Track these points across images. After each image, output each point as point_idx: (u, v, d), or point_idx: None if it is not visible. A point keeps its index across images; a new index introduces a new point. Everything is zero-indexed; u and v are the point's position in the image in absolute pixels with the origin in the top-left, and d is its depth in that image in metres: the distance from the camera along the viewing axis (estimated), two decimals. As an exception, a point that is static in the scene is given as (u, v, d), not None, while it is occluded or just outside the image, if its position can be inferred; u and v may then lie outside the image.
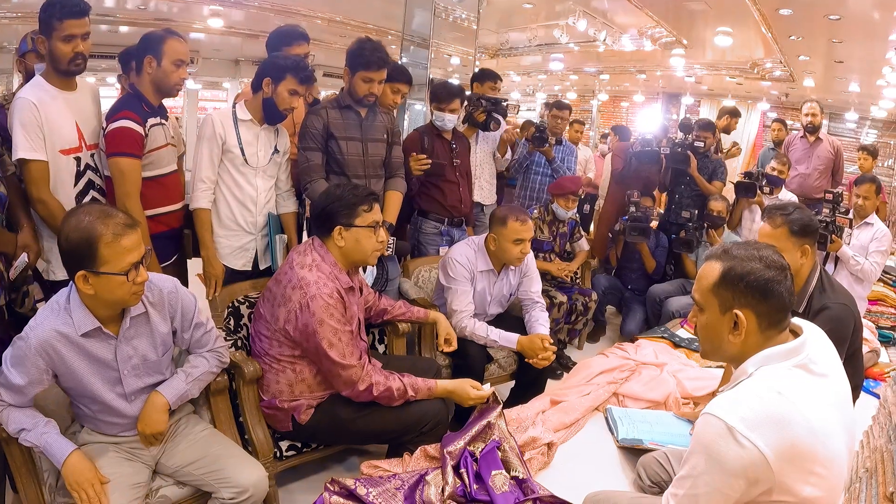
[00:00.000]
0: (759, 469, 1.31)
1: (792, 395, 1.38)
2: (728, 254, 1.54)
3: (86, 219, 1.78)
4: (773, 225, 2.45)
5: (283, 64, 2.85)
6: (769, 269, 1.48)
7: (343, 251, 2.46)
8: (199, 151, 2.85)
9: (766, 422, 1.33)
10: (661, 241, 4.93)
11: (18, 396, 1.88)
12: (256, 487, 2.07)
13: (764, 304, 1.48)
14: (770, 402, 1.36)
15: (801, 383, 1.42)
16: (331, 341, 2.33)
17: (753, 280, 1.47)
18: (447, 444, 2.21)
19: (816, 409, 1.39)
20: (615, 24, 8.48)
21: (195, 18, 8.88)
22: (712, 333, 1.57)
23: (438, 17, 5.94)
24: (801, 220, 2.42)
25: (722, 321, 1.53)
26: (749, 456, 1.31)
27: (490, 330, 3.16)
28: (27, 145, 2.39)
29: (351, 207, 2.42)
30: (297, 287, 2.34)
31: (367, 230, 2.45)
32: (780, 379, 1.41)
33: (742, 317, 1.48)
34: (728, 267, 1.51)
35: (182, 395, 2.12)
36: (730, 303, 1.51)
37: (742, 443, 1.31)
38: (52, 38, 2.42)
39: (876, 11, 5.75)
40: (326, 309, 2.32)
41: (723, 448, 1.33)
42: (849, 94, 10.20)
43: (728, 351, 1.55)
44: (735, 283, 1.50)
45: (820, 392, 1.44)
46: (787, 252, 2.31)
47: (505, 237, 3.16)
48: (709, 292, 1.55)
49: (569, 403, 2.74)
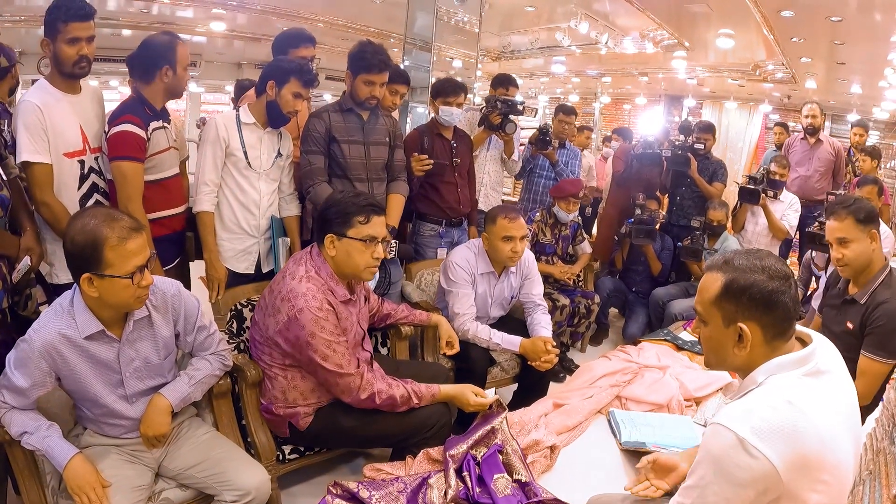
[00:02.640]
0: (769, 480, 1.30)
1: (803, 405, 1.35)
2: (729, 265, 1.49)
3: (91, 222, 1.79)
4: (839, 219, 2.55)
5: (287, 67, 2.86)
6: (772, 279, 1.43)
7: (335, 261, 2.40)
8: (203, 154, 2.85)
9: (777, 433, 1.31)
10: (667, 244, 4.93)
11: (21, 399, 1.89)
12: (259, 490, 2.07)
13: (768, 316, 1.44)
14: (781, 412, 1.34)
15: (812, 392, 1.39)
16: (324, 353, 2.29)
17: (757, 292, 1.43)
18: (450, 448, 2.21)
19: (826, 418, 1.36)
20: (617, 27, 8.48)
21: (198, 22, 8.91)
22: (716, 346, 1.54)
23: (440, 20, 5.94)
24: (864, 208, 2.55)
25: (726, 334, 1.49)
26: (760, 467, 1.29)
27: (492, 333, 3.16)
28: (31, 148, 2.39)
29: (345, 216, 2.34)
30: (285, 299, 2.31)
31: (360, 244, 2.35)
32: (790, 388, 1.39)
33: (746, 330, 1.45)
34: (730, 279, 1.47)
35: (185, 398, 2.12)
36: (733, 316, 1.47)
37: (753, 454, 1.29)
38: (57, 40, 2.43)
39: (878, 13, 5.75)
40: (316, 322, 2.28)
41: (733, 459, 1.31)
42: (851, 96, 10.18)
43: (733, 363, 1.52)
44: (738, 296, 1.46)
45: (829, 400, 1.41)
46: (857, 241, 2.49)
47: (495, 234, 3.17)
48: (711, 305, 1.51)
49: (571, 406, 2.73)
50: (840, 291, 2.71)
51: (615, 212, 5.31)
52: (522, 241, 3.19)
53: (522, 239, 3.19)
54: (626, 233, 4.77)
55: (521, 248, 3.19)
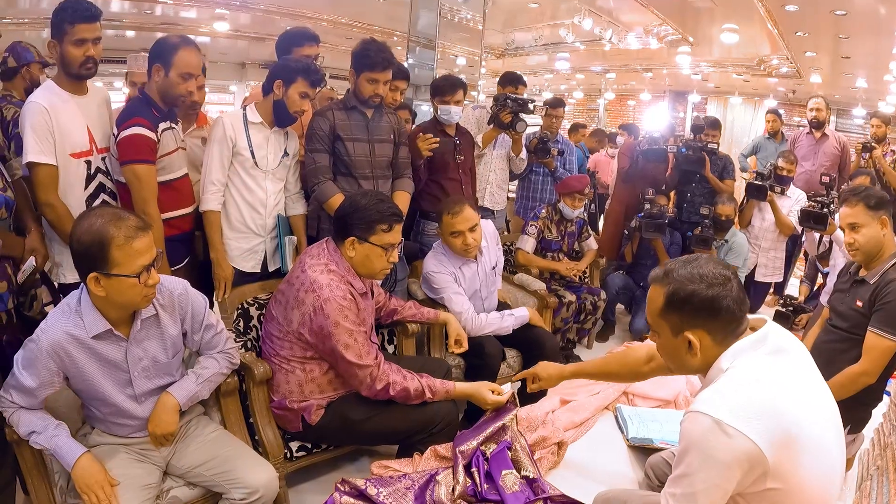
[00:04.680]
0: (753, 457, 1.33)
1: (770, 381, 1.41)
2: (669, 276, 1.53)
3: (98, 221, 1.79)
4: (851, 205, 2.64)
5: (294, 66, 2.85)
6: (712, 286, 1.47)
7: (352, 261, 2.46)
8: (210, 154, 2.86)
9: (750, 410, 1.35)
10: (675, 239, 4.92)
11: (29, 398, 1.89)
12: (267, 488, 2.07)
13: (714, 322, 1.48)
14: (751, 390, 1.39)
15: (777, 369, 1.44)
16: (346, 343, 2.33)
17: (698, 301, 1.47)
18: (459, 444, 2.20)
19: (795, 391, 1.42)
20: (621, 23, 8.49)
21: (201, 22, 8.92)
22: (671, 354, 1.59)
23: (444, 17, 5.95)
24: (875, 195, 2.64)
25: (676, 343, 1.54)
26: (740, 446, 1.32)
27: (503, 316, 3.20)
28: (37, 149, 2.39)
29: (370, 223, 2.41)
30: (309, 290, 2.34)
31: (380, 250, 2.44)
32: (756, 368, 1.43)
33: (694, 339, 1.49)
34: (671, 291, 1.51)
35: (192, 396, 2.12)
36: (679, 326, 1.52)
37: (731, 434, 1.32)
38: (64, 41, 2.43)
39: (882, 6, 5.74)
40: (341, 311, 2.32)
41: (713, 442, 1.34)
42: (856, 90, 10.17)
43: (691, 366, 1.56)
44: (680, 308, 1.50)
45: (796, 375, 1.47)
46: (868, 226, 2.59)
47: (444, 232, 3.17)
48: (658, 318, 1.56)
49: (578, 403, 2.73)
50: (850, 275, 2.77)
51: (621, 208, 5.29)
52: (473, 231, 3.13)
53: (472, 230, 3.13)
54: (635, 227, 4.76)
55: (472, 239, 3.13)
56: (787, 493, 1.37)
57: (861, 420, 2.72)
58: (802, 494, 1.38)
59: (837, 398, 1.50)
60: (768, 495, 1.38)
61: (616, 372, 2.30)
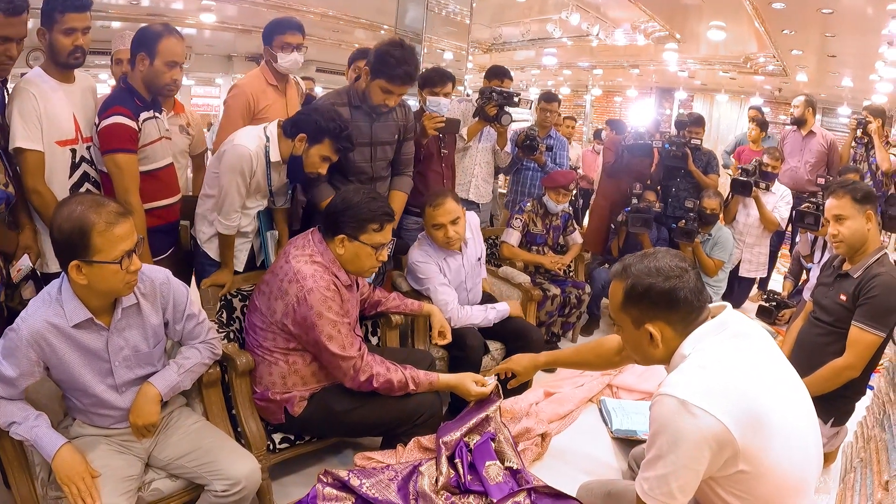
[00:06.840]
0: (721, 436, 1.35)
1: (733, 362, 1.45)
2: (627, 271, 1.57)
3: (78, 208, 1.78)
4: (837, 197, 2.66)
5: (325, 126, 2.68)
6: (669, 279, 1.50)
7: (341, 259, 2.44)
8: (230, 184, 2.69)
9: (714, 389, 1.38)
10: (662, 235, 4.94)
11: (9, 389, 1.87)
12: (249, 479, 2.06)
13: (673, 314, 1.52)
14: (714, 370, 1.42)
15: (739, 351, 1.48)
16: (330, 334, 2.32)
17: (655, 295, 1.51)
18: (443, 435, 2.21)
19: (759, 373, 1.46)
20: (608, 19, 8.51)
21: (188, 14, 8.85)
22: (635, 346, 1.63)
23: (431, 11, 5.93)
24: (862, 189, 2.66)
25: (638, 336, 1.58)
26: (706, 424, 1.35)
27: (487, 309, 3.21)
28: (25, 134, 2.38)
29: (361, 222, 2.39)
30: (293, 280, 2.33)
31: (369, 249, 2.42)
32: (718, 350, 1.47)
33: (654, 331, 1.53)
34: (629, 286, 1.55)
35: (174, 387, 2.11)
36: (639, 319, 1.56)
37: (696, 413, 1.35)
38: (53, 30, 2.42)
39: (868, 5, 5.78)
40: (324, 302, 2.32)
41: (680, 423, 1.37)
42: (842, 89, 10.25)
43: (654, 357, 1.59)
44: (639, 301, 1.54)
45: (758, 358, 1.51)
46: (853, 218, 2.61)
47: (427, 224, 3.20)
48: (619, 312, 1.60)
49: (563, 395, 2.74)
50: (834, 269, 2.79)
51: (606, 203, 5.30)
52: (455, 224, 3.14)
53: (454, 222, 3.13)
54: (622, 221, 4.77)
55: (454, 231, 3.14)
56: (760, 477, 1.39)
57: (845, 413, 2.75)
58: (775, 478, 1.40)
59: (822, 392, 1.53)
60: (741, 479, 1.40)
61: (589, 361, 2.34)
